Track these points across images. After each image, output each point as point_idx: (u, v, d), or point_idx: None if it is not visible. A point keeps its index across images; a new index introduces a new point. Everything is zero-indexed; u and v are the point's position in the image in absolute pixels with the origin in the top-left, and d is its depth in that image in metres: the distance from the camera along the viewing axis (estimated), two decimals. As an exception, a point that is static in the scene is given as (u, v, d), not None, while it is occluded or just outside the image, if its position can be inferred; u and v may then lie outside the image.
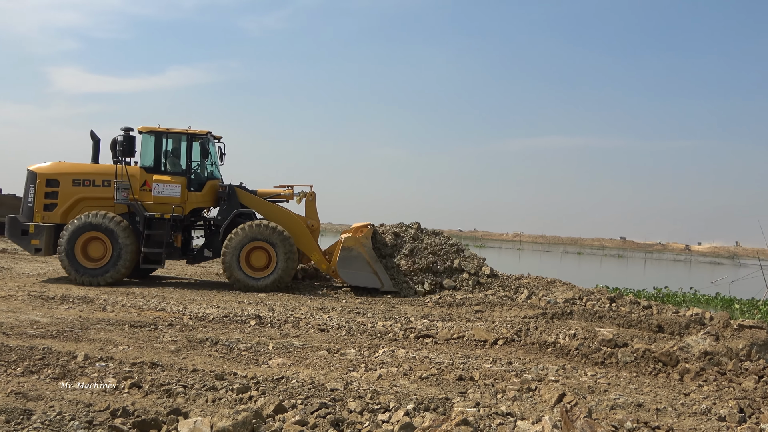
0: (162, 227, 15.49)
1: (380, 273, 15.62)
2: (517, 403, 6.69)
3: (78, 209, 15.46)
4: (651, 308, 13.91)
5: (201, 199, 15.93)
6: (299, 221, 16.31)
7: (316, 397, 6.34)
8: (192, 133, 15.79)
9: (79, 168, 15.77)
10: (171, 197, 15.45)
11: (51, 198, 15.37)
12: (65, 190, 15.42)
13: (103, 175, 15.60)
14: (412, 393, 6.78)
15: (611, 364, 8.88)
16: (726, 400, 7.23)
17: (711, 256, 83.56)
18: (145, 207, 15.40)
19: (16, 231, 15.25)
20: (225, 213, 15.94)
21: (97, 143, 16.37)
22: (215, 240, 16.06)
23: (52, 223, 15.29)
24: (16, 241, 15.65)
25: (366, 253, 15.63)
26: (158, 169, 15.72)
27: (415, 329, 10.67)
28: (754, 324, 10.87)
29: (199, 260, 16.71)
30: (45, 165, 15.72)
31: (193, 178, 15.83)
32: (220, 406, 6.01)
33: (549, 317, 12.20)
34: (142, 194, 15.44)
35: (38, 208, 15.35)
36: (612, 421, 5.91)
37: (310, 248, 16.29)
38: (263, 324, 10.64)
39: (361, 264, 15.59)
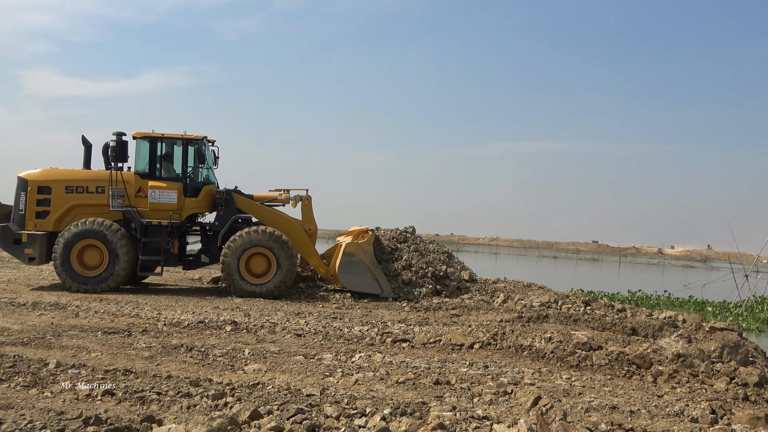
0: (159, 234, 15.25)
1: (381, 279, 15.59)
2: (493, 406, 6.71)
3: (71, 216, 15.15)
4: (625, 311, 14.07)
5: (197, 204, 15.70)
6: (297, 225, 16.24)
7: (292, 403, 6.31)
8: (188, 138, 15.57)
9: (71, 174, 15.42)
10: (167, 203, 15.21)
11: (43, 205, 15.07)
12: (58, 198, 15.11)
13: (96, 181, 15.30)
14: (388, 398, 6.77)
15: (586, 367, 8.96)
16: (698, 401, 7.33)
17: (684, 260, 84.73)
18: (141, 214, 15.17)
19: (9, 240, 14.88)
20: (223, 218, 15.78)
21: (88, 149, 16.06)
22: (212, 246, 15.89)
23: (45, 231, 14.97)
24: (8, 251, 15.27)
25: (367, 259, 15.58)
26: (153, 175, 15.43)
27: (391, 334, 10.67)
28: (726, 326, 11.02)
29: (196, 266, 16.52)
30: (36, 172, 15.36)
31: (189, 184, 15.62)
32: (195, 413, 5.95)
33: (525, 321, 12.27)
34: (137, 200, 15.19)
35: (30, 215, 15.04)
36: (587, 423, 5.96)
37: (308, 252, 16.24)
38: (239, 329, 10.57)
39: (362, 270, 15.52)
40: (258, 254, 15.10)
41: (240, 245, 14.97)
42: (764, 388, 8.26)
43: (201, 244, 16.37)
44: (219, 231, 15.67)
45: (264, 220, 15.98)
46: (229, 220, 15.62)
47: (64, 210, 15.10)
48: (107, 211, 15.17)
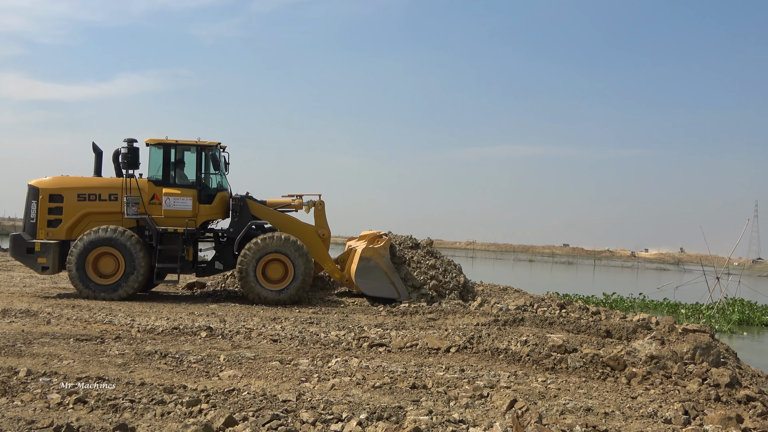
0: (175, 241, 15.10)
1: (397, 284, 15.64)
2: (469, 410, 6.73)
3: (84, 224, 14.94)
4: (599, 314, 14.21)
5: (212, 211, 15.58)
6: (311, 231, 16.28)
7: (267, 409, 6.26)
8: (202, 145, 15.45)
9: (83, 182, 15.21)
10: (182, 210, 15.10)
11: (55, 214, 14.84)
12: (70, 205, 14.87)
13: (109, 188, 15.10)
14: (365, 402, 6.76)
15: (561, 370, 9.02)
16: (671, 402, 7.41)
17: (657, 263, 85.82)
18: (156, 221, 15.02)
19: (21, 249, 14.68)
20: (238, 225, 15.67)
21: (99, 155, 15.81)
22: (226, 252, 15.81)
23: (57, 239, 14.75)
24: (21, 260, 15.01)
25: (384, 263, 15.61)
26: (167, 182, 15.29)
27: (368, 338, 10.66)
28: (698, 328, 11.20)
29: (210, 273, 16.38)
30: (47, 179, 15.12)
31: (203, 190, 15.47)
32: (169, 420, 5.88)
33: (501, 324, 12.33)
34: (151, 208, 15.03)
35: (42, 224, 14.78)
36: (562, 425, 6.00)
37: (323, 257, 16.32)
38: (214, 335, 10.48)
39: (379, 274, 15.57)
40: (275, 260, 15.08)
41: (257, 251, 14.91)
42: (735, 389, 8.38)
43: (214, 251, 16.24)
44: (233, 237, 15.58)
45: (278, 225, 15.99)
46: (245, 226, 15.52)
47: (77, 218, 14.91)
48: (120, 219, 15.03)
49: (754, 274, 66.63)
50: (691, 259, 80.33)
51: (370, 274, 15.52)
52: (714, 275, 24.64)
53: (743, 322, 20.70)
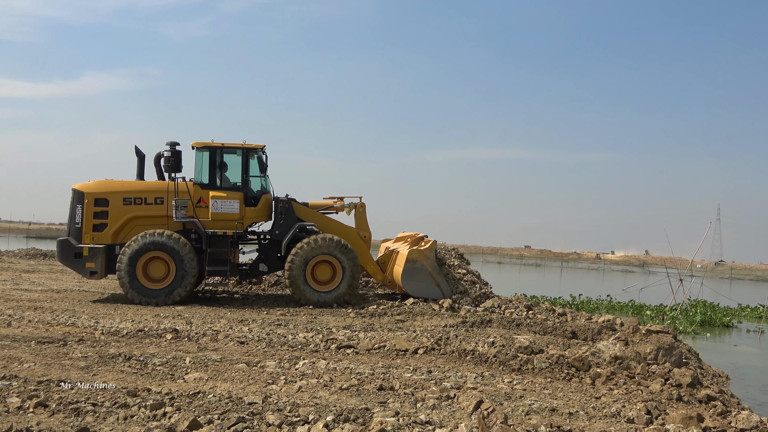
0: (223, 244, 15.15)
1: (442, 285, 15.84)
2: (436, 411, 6.75)
3: (129, 228, 14.92)
4: (566, 315, 14.36)
5: (257, 213, 15.65)
6: (354, 233, 16.42)
7: (233, 412, 6.21)
8: (248, 147, 15.50)
9: (129, 186, 15.20)
10: (230, 213, 15.15)
11: (100, 218, 14.78)
12: (115, 210, 14.82)
13: (155, 192, 15.08)
14: (332, 404, 6.74)
15: (527, 371, 9.10)
16: (634, 402, 7.53)
17: (623, 265, 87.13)
18: (203, 224, 15.00)
19: (69, 254, 14.56)
20: (284, 227, 15.72)
21: (141, 159, 15.80)
22: (270, 254, 15.83)
23: (103, 243, 14.67)
24: (69, 265, 14.88)
25: (429, 265, 15.76)
26: (214, 185, 15.35)
27: (336, 340, 10.63)
28: (661, 329, 11.37)
29: (253, 276, 16.41)
30: (92, 183, 15.06)
31: (248, 193, 15.56)
32: (132, 424, 5.80)
33: (469, 326, 12.40)
34: (197, 211, 15.06)
35: (87, 228, 14.70)
36: (527, 426, 6.05)
37: (366, 259, 16.51)
38: (180, 338, 10.36)
39: (425, 276, 15.72)
40: (323, 262, 15.22)
41: (306, 253, 15.03)
42: (697, 389, 8.54)
43: (257, 253, 16.22)
44: (278, 239, 15.68)
45: (321, 227, 16.14)
46: (292, 228, 15.58)
47: (122, 222, 14.85)
48: (166, 223, 15.01)
49: (716, 276, 68.03)
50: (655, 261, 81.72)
51: (416, 275, 15.71)
52: (677, 277, 25.08)
53: (705, 323, 21.11)
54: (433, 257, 16.04)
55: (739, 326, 21.81)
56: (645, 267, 79.01)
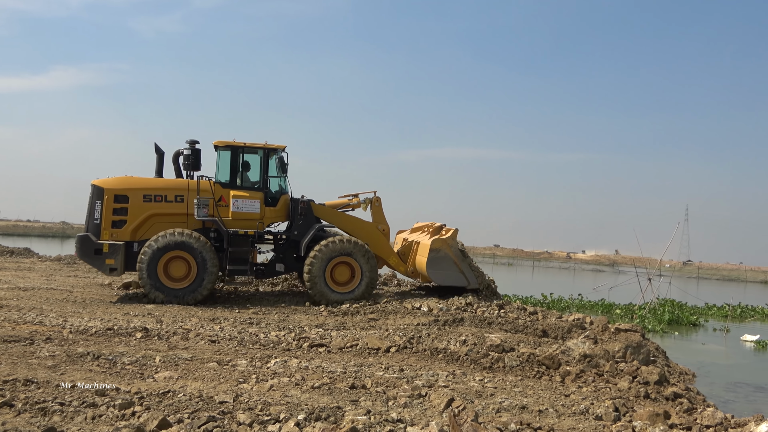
0: (244, 243, 15.16)
1: (467, 272, 16.21)
2: (407, 409, 6.78)
3: (148, 226, 14.76)
4: (537, 314, 14.49)
5: (276, 214, 15.71)
6: (373, 227, 16.58)
7: (203, 411, 6.17)
8: (269, 148, 15.55)
9: (149, 183, 15.03)
10: (251, 213, 15.17)
11: (120, 214, 14.62)
12: (135, 206, 14.65)
13: (175, 190, 14.97)
14: (303, 403, 6.73)
15: (498, 369, 9.18)
16: (603, 400, 7.64)
17: (593, 264, 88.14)
18: (224, 223, 14.96)
19: (89, 250, 14.39)
20: (303, 228, 15.76)
21: (161, 156, 15.66)
22: (287, 254, 15.88)
23: (122, 240, 14.51)
24: (88, 261, 14.74)
25: (453, 253, 16.09)
26: (234, 184, 15.34)
27: (308, 338, 10.61)
28: (629, 327, 11.56)
29: (270, 275, 16.34)
30: (112, 179, 14.86)
31: (269, 193, 15.62)
32: (100, 424, 5.73)
33: (441, 324, 12.46)
34: (217, 210, 15.02)
35: (106, 225, 14.52)
36: (497, 423, 6.11)
37: (387, 252, 16.79)
38: (150, 336, 10.25)
39: (449, 264, 16.04)
40: (342, 263, 15.34)
41: (327, 254, 15.11)
42: (664, 386, 8.70)
43: (274, 253, 16.21)
44: (296, 240, 15.72)
45: (342, 226, 16.36)
46: (312, 229, 15.66)
47: (142, 219, 14.72)
48: (185, 220, 14.91)
49: (684, 276, 69.15)
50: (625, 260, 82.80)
51: (440, 264, 15.98)
52: (646, 276, 25.47)
53: (673, 322, 21.47)
54: (456, 245, 16.37)
55: (705, 325, 22.23)
56: (615, 266, 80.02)
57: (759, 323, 24.37)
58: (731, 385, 12.40)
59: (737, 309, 26.88)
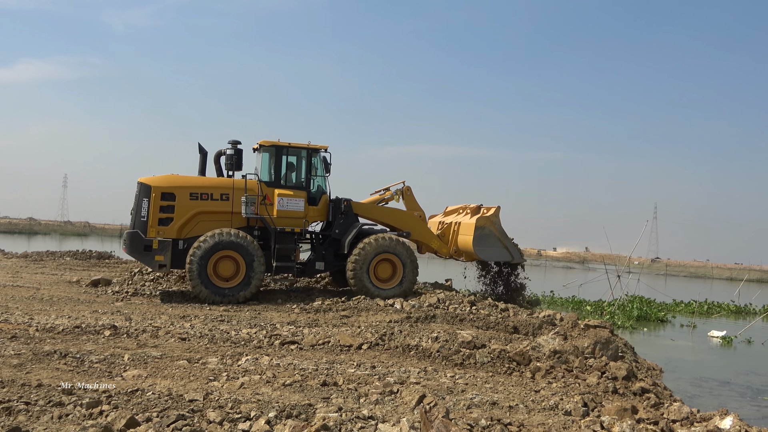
0: (290, 241, 15.56)
1: (511, 248, 17.05)
2: (379, 406, 6.78)
3: (194, 223, 14.95)
4: (508, 310, 14.60)
5: (317, 213, 16.15)
6: (412, 215, 17.35)
7: (173, 409, 6.10)
8: (312, 148, 15.94)
9: (195, 181, 15.30)
10: (295, 211, 15.59)
11: (167, 212, 14.77)
12: (182, 204, 14.83)
13: (221, 188, 15.26)
14: (274, 400, 6.69)
15: (470, 365, 9.23)
16: (572, 395, 7.72)
17: (564, 261, 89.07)
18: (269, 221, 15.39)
19: (139, 247, 14.58)
20: (345, 226, 16.21)
21: (204, 156, 15.94)
22: (328, 253, 16.22)
23: (168, 237, 14.67)
24: (137, 257, 14.94)
25: (497, 230, 16.90)
26: (279, 183, 15.71)
27: (280, 336, 10.56)
28: (599, 324, 11.70)
29: (310, 274, 16.59)
30: (159, 177, 15.06)
31: (310, 193, 15.99)
32: (67, 423, 5.64)
33: (413, 321, 12.49)
34: (262, 208, 15.33)
35: (153, 222, 14.63)
36: (468, 419, 6.14)
37: (429, 237, 17.55)
38: (119, 334, 10.11)
39: (494, 241, 16.86)
40: (384, 260, 15.79)
41: (371, 251, 15.55)
42: (631, 382, 8.82)
43: (313, 252, 16.53)
44: (337, 238, 16.14)
45: (383, 219, 16.99)
46: (354, 227, 16.10)
47: (188, 217, 14.83)
48: (230, 218, 15.11)
49: (652, 273, 70.24)
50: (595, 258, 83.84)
51: (486, 241, 16.77)
52: (615, 273, 25.79)
53: (642, 318, 21.78)
54: (499, 222, 17.09)
55: (673, 321, 22.59)
56: (585, 264, 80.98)
57: (725, 319, 24.84)
58: (697, 380, 12.62)
59: (704, 305, 27.35)
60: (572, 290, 28.58)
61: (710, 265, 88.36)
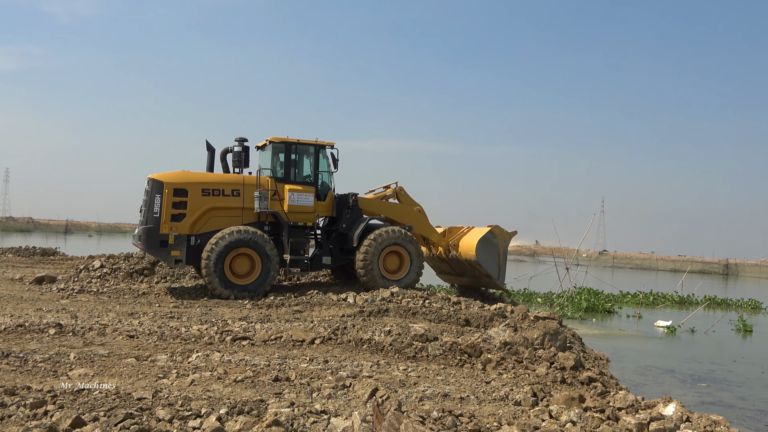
0: (302, 235, 15.99)
1: (502, 269, 17.67)
2: (332, 400, 6.78)
3: (206, 219, 15.05)
4: (460, 303, 14.75)
5: (325, 208, 16.48)
6: (413, 210, 17.83)
7: (121, 408, 5.98)
8: (320, 144, 16.24)
9: (207, 177, 15.43)
10: (305, 206, 15.88)
11: (179, 208, 14.85)
12: (194, 201, 14.93)
13: (232, 184, 15.39)
14: (225, 397, 6.63)
15: (422, 358, 9.30)
16: (522, 386, 7.86)
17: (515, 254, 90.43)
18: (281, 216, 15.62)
19: (155, 242, 14.62)
20: (352, 221, 16.54)
21: (212, 153, 16.19)
22: (335, 247, 16.53)
23: (181, 233, 14.79)
24: (153, 253, 14.90)
25: (502, 246, 17.56)
26: (288, 179, 15.95)
27: (232, 332, 10.45)
28: (548, 315, 11.94)
29: (317, 268, 16.65)
30: (171, 174, 15.05)
31: (318, 188, 16.29)
32: (10, 424, 5.47)
33: (366, 315, 12.52)
34: (272, 203, 15.51)
35: (166, 218, 14.70)
36: (420, 411, 6.19)
37: (429, 230, 18.21)
38: (64, 332, 9.86)
39: (495, 252, 17.63)
40: (392, 252, 16.26)
41: (380, 243, 15.97)
42: (579, 371, 9.03)
43: (319, 247, 16.77)
44: (344, 233, 16.48)
45: (387, 213, 17.47)
46: (362, 222, 16.40)
47: (201, 213, 14.83)
48: (241, 214, 15.38)
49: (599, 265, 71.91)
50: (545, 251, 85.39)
51: (489, 247, 17.49)
52: (564, 266, 26.32)
53: (590, 309, 22.30)
54: (508, 243, 17.87)
55: (619, 312, 23.19)
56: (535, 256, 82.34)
57: (669, 309, 25.62)
58: (642, 369, 13.00)
59: (649, 296, 28.15)
60: (523, 283, 29.05)
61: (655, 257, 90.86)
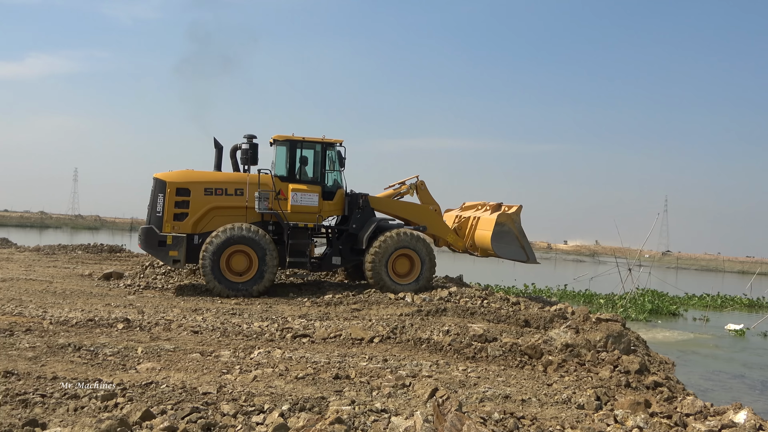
0: (304, 236, 15.56)
1: (527, 248, 16.87)
2: (391, 399, 6.79)
3: (209, 218, 15.00)
4: (519, 304, 14.57)
5: (333, 207, 16.00)
6: (426, 209, 17.18)
7: (187, 402, 6.14)
8: (327, 142, 15.79)
9: (210, 176, 15.32)
10: (309, 206, 15.46)
11: (182, 207, 14.85)
12: (197, 200, 14.89)
13: (235, 183, 15.26)
14: (287, 393, 6.72)
15: (481, 359, 9.22)
16: (585, 389, 7.70)
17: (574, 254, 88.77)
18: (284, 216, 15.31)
19: (153, 242, 14.66)
20: (362, 221, 16.04)
21: (220, 150, 15.95)
22: (344, 247, 16.10)
23: (183, 233, 14.75)
24: (152, 253, 15.01)
25: (516, 229, 16.72)
26: (293, 178, 15.59)
27: (292, 329, 10.59)
28: (610, 317, 11.67)
29: (326, 269, 16.57)
30: (174, 173, 15.08)
31: (325, 187, 15.88)
32: (83, 416, 5.68)
33: (424, 314, 12.49)
34: (275, 203, 15.26)
35: (168, 217, 14.74)
36: (481, 413, 6.14)
37: (445, 230, 17.42)
38: (132, 327, 10.17)
39: (512, 239, 16.69)
40: (402, 255, 15.64)
41: (389, 246, 15.41)
42: (644, 375, 8.79)
43: (329, 247, 16.52)
44: (354, 233, 15.98)
45: (399, 213, 16.82)
46: (372, 222, 15.91)
47: (203, 212, 14.94)
48: (244, 213, 15.14)
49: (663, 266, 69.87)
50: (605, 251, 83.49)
51: (504, 238, 16.62)
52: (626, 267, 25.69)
53: (654, 312, 21.72)
54: (519, 221, 16.93)
55: (685, 314, 22.50)
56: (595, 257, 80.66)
57: (738, 312, 24.73)
58: (709, 374, 12.58)
59: (716, 299, 27.23)
60: (583, 284, 28.48)
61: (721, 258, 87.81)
